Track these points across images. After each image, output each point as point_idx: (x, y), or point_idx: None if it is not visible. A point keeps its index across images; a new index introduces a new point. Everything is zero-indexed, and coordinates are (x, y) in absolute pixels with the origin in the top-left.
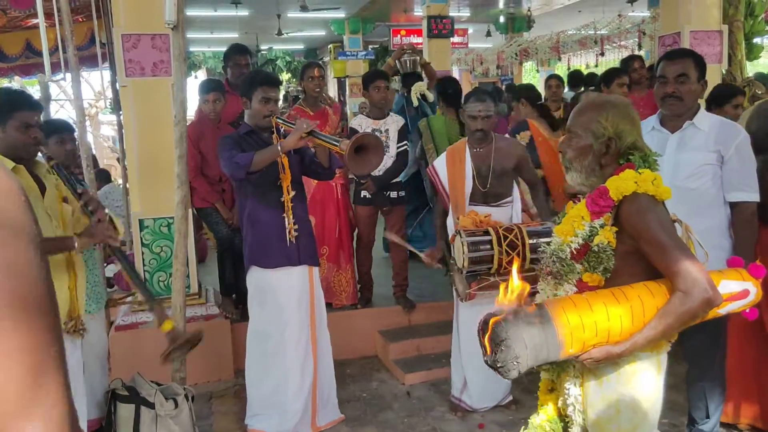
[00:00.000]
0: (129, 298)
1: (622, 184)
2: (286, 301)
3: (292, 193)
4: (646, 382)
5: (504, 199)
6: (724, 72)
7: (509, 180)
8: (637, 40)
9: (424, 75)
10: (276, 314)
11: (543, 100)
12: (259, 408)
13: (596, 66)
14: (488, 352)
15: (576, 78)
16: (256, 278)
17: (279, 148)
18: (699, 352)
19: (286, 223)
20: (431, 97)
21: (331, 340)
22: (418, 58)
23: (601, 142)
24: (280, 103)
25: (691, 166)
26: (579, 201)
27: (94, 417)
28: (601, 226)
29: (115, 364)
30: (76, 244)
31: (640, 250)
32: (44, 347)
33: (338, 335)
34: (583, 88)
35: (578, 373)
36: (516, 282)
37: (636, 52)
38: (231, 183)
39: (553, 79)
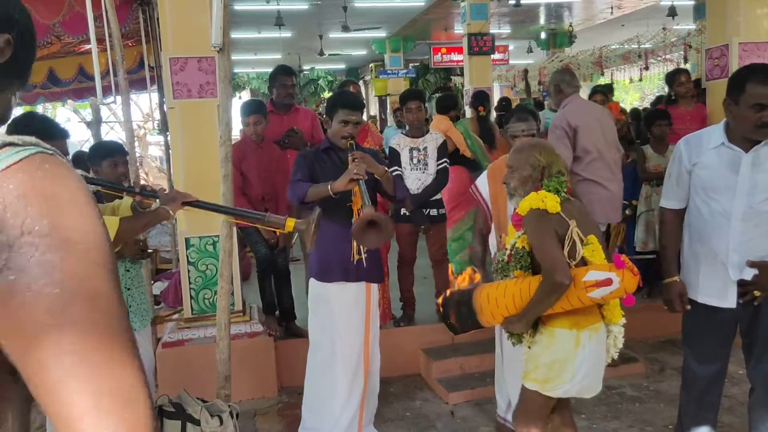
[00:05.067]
0: (175, 315)
1: (524, 203)
2: (339, 311)
3: None
4: (561, 350)
5: None
6: None
7: None
8: (682, 53)
9: None
10: (328, 324)
11: None
12: (311, 422)
13: (640, 80)
14: (452, 319)
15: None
16: (314, 288)
17: (329, 188)
18: None
19: (354, 245)
20: None
21: None
22: None
23: (537, 171)
24: None
25: None
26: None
27: None
28: (519, 237)
29: (161, 381)
30: (170, 213)
31: None
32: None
33: (381, 353)
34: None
35: (527, 342)
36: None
37: (681, 66)
38: (273, 203)
39: (598, 95)
